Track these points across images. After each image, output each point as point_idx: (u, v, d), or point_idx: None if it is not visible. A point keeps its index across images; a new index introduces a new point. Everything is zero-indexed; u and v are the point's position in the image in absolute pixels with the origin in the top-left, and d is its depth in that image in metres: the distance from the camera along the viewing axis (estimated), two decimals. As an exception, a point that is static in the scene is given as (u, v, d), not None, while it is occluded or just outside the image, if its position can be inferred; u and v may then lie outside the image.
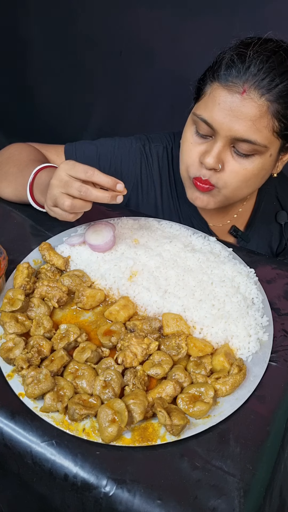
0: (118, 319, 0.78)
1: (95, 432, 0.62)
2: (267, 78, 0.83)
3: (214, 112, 0.87)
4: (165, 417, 0.61)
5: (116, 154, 1.11)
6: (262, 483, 0.60)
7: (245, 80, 0.84)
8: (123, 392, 0.68)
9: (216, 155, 0.89)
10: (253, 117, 0.85)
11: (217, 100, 0.87)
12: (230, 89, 0.85)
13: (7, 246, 0.84)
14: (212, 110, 0.87)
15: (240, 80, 0.84)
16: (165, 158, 1.13)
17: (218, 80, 0.87)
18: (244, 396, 0.68)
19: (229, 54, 0.87)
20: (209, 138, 0.92)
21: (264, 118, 0.85)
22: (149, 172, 1.12)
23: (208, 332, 0.76)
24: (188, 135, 0.96)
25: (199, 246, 0.93)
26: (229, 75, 0.85)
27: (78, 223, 0.98)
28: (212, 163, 0.90)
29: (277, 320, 0.82)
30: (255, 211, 1.19)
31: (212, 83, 0.89)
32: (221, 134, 0.88)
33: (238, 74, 0.84)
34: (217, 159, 0.90)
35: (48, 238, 0.94)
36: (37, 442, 0.61)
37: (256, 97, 0.84)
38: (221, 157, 0.90)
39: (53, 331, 0.75)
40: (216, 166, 0.90)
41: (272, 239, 1.22)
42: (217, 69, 0.87)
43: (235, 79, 0.85)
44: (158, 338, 0.75)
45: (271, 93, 0.84)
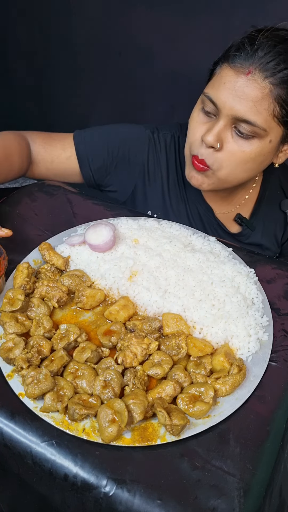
0: (118, 319, 0.78)
1: (95, 432, 0.62)
2: (273, 62, 0.86)
3: (220, 90, 0.90)
4: (165, 417, 0.61)
5: (125, 139, 1.12)
6: (262, 483, 0.60)
7: (252, 62, 0.86)
8: (123, 392, 0.68)
9: (217, 133, 0.92)
10: (254, 98, 0.87)
11: (223, 79, 0.90)
12: (236, 69, 0.88)
13: (7, 246, 0.84)
14: (218, 89, 0.90)
15: (247, 62, 0.87)
16: (172, 146, 1.15)
17: (227, 61, 0.90)
18: (244, 396, 0.68)
19: (240, 39, 0.90)
20: (213, 117, 0.94)
21: (265, 100, 0.87)
22: (157, 159, 1.14)
23: (208, 332, 0.76)
24: (194, 114, 0.98)
25: (199, 246, 0.93)
26: (238, 57, 0.88)
27: (78, 223, 0.98)
28: (212, 140, 0.92)
29: (277, 320, 0.82)
30: (260, 200, 1.20)
31: (222, 64, 0.92)
32: (223, 112, 0.90)
33: (246, 56, 0.87)
34: (216, 137, 0.92)
35: (48, 238, 0.94)
36: (37, 442, 0.61)
37: (259, 79, 0.86)
38: (221, 136, 0.92)
39: (53, 331, 0.75)
40: (214, 144, 0.92)
41: (276, 228, 1.23)
42: (228, 52, 0.91)
43: (242, 61, 0.87)
44: (158, 338, 0.75)
45: (275, 76, 0.86)
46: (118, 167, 1.13)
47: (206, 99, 0.93)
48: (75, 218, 1.01)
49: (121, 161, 1.12)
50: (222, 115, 0.91)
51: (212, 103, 0.92)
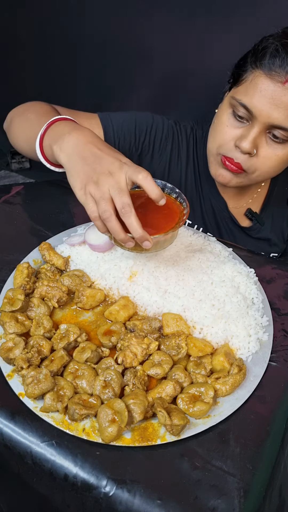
0: (118, 319, 0.78)
1: (95, 432, 0.62)
2: None
3: (255, 98, 0.90)
4: (165, 417, 0.61)
5: (153, 126, 1.13)
6: (262, 483, 0.60)
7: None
8: (123, 392, 0.68)
9: (253, 140, 0.92)
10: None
11: (259, 87, 0.89)
12: (272, 77, 0.88)
13: (7, 246, 0.84)
14: (253, 96, 0.90)
15: (283, 70, 0.87)
16: (192, 138, 1.16)
17: (262, 68, 0.89)
18: (244, 396, 0.68)
19: (273, 43, 0.89)
20: (245, 122, 0.95)
21: None
22: (178, 150, 1.15)
23: (208, 332, 0.76)
24: (224, 118, 0.98)
25: (199, 246, 0.93)
26: (273, 64, 0.87)
27: (78, 223, 0.98)
28: (248, 147, 0.92)
29: (277, 320, 0.83)
30: (269, 195, 1.22)
31: (254, 70, 0.91)
32: (259, 120, 0.91)
33: (282, 64, 0.87)
34: (253, 144, 0.93)
35: (48, 238, 0.94)
36: (37, 442, 0.61)
37: None
38: (256, 142, 0.93)
39: (53, 331, 0.75)
40: (251, 151, 0.93)
41: (283, 224, 1.25)
42: (261, 57, 0.90)
43: (278, 68, 0.87)
44: (158, 338, 0.75)
45: None
46: (143, 153, 1.13)
47: (238, 104, 0.93)
48: (75, 218, 1.01)
49: (146, 147, 1.13)
50: (257, 122, 0.91)
51: (246, 110, 0.92)
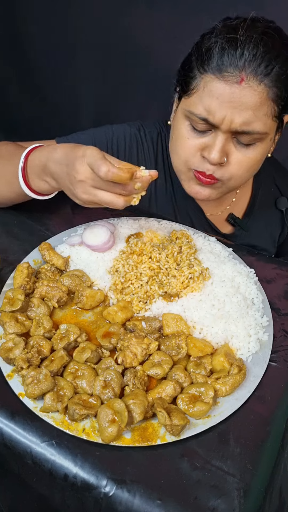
0: (115, 320, 0.78)
1: (95, 432, 0.62)
2: (264, 62, 0.80)
3: (213, 107, 0.83)
4: (165, 417, 0.61)
5: (113, 140, 1.08)
6: (262, 483, 0.60)
7: (241, 67, 0.79)
8: (123, 392, 0.68)
9: (220, 149, 0.87)
10: (253, 106, 0.82)
11: (214, 93, 0.82)
12: (226, 79, 0.80)
13: (7, 246, 0.84)
14: (210, 106, 0.83)
15: (235, 68, 0.80)
16: (159, 143, 1.10)
17: (211, 72, 0.82)
18: (244, 396, 0.68)
19: (217, 41, 0.82)
20: (207, 131, 0.89)
21: (264, 105, 0.83)
22: (145, 158, 1.10)
23: (208, 332, 0.76)
24: (183, 131, 0.91)
25: (199, 246, 0.93)
26: (223, 64, 0.80)
27: (78, 223, 0.98)
28: (218, 158, 0.87)
29: (277, 320, 0.82)
30: (253, 198, 1.16)
31: (204, 76, 0.84)
32: (222, 128, 0.85)
33: (233, 62, 0.80)
34: (222, 153, 0.87)
35: (48, 238, 0.94)
36: (37, 442, 0.61)
37: (255, 85, 0.80)
38: (224, 150, 0.88)
39: (53, 331, 0.75)
40: (222, 161, 0.88)
41: (273, 227, 1.19)
42: (207, 60, 0.82)
43: (230, 68, 0.80)
44: (158, 338, 0.75)
45: (269, 78, 0.81)
46: None
47: (196, 118, 0.86)
48: (75, 218, 1.01)
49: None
50: (220, 130, 0.85)
51: (204, 121, 0.86)
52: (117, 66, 2.05)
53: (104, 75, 2.12)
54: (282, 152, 1.18)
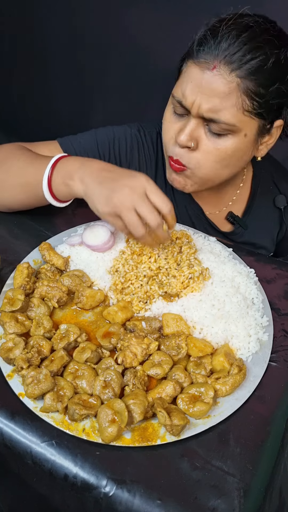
0: (115, 320, 0.78)
1: (95, 432, 0.62)
2: (238, 53, 0.81)
3: (187, 90, 0.86)
4: (165, 417, 0.61)
5: (114, 141, 1.09)
6: (262, 483, 0.60)
7: (216, 55, 0.81)
8: (123, 392, 0.68)
9: (189, 132, 0.88)
10: (221, 93, 0.82)
11: (190, 77, 0.85)
12: (201, 65, 0.83)
13: (7, 246, 0.84)
14: (185, 89, 0.86)
15: (211, 56, 0.82)
16: (159, 144, 1.11)
17: (192, 57, 0.85)
18: (244, 396, 0.68)
19: (201, 32, 0.85)
20: (185, 116, 0.91)
21: (233, 95, 0.83)
22: (146, 158, 1.11)
23: (208, 332, 0.76)
24: (167, 114, 0.95)
25: (199, 246, 0.93)
26: (201, 52, 0.83)
27: (78, 223, 0.98)
28: (185, 140, 0.88)
29: (277, 320, 0.82)
30: (252, 197, 1.17)
31: (187, 61, 0.87)
32: (192, 111, 0.87)
33: (209, 50, 0.82)
34: (189, 137, 0.88)
35: (48, 238, 0.94)
36: (37, 442, 0.61)
37: (225, 73, 0.81)
38: (194, 135, 0.89)
39: (53, 331, 0.75)
40: (188, 144, 0.89)
41: (272, 225, 1.20)
42: (191, 47, 0.86)
43: (206, 55, 0.82)
44: (158, 338, 0.75)
45: (242, 69, 0.81)
46: None
47: (174, 100, 0.89)
48: (75, 218, 1.01)
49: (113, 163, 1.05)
50: (192, 114, 0.87)
51: (180, 104, 0.88)
52: (117, 66, 2.05)
53: (104, 75, 2.12)
54: (282, 152, 1.18)
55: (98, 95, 2.21)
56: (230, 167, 0.96)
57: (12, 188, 0.95)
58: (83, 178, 0.83)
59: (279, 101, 0.87)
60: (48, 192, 0.88)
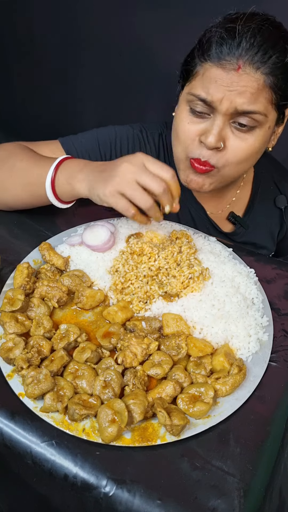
0: (115, 320, 0.78)
1: (95, 432, 0.62)
2: (260, 51, 0.82)
3: (212, 89, 0.85)
4: (165, 417, 0.61)
5: (116, 141, 1.09)
6: (262, 483, 0.60)
7: (239, 55, 0.82)
8: (123, 392, 0.68)
9: (218, 133, 0.87)
10: (250, 89, 0.83)
11: (213, 78, 0.85)
12: (224, 67, 0.83)
13: (7, 246, 0.84)
14: (209, 87, 0.85)
15: (233, 56, 0.82)
16: (161, 145, 1.11)
17: (211, 60, 0.85)
18: (244, 396, 0.68)
19: (216, 31, 0.85)
20: (206, 116, 0.90)
21: (263, 90, 0.84)
22: None
23: (208, 332, 0.76)
24: (183, 115, 0.93)
25: (199, 246, 0.93)
26: (221, 53, 0.83)
27: (78, 223, 0.98)
28: (214, 141, 0.87)
29: (277, 320, 0.82)
30: (253, 197, 1.17)
31: (204, 64, 0.86)
32: (220, 110, 0.86)
33: (231, 50, 0.82)
34: (218, 137, 0.88)
35: (48, 238, 0.94)
36: (37, 442, 0.61)
37: (252, 72, 0.83)
38: (222, 135, 0.89)
39: (53, 331, 0.75)
40: (218, 145, 0.88)
41: (272, 225, 1.20)
42: (207, 49, 0.85)
43: (227, 56, 0.83)
44: (158, 338, 0.75)
45: (265, 66, 0.83)
46: None
47: (195, 99, 0.88)
48: (75, 218, 1.01)
49: None
50: (218, 113, 0.87)
51: (204, 102, 0.87)
52: (117, 67, 2.05)
53: (104, 76, 2.12)
54: (282, 152, 1.18)
55: (98, 95, 2.21)
56: (251, 162, 0.97)
57: (15, 187, 0.95)
58: (85, 177, 0.84)
59: None
60: (51, 192, 0.89)
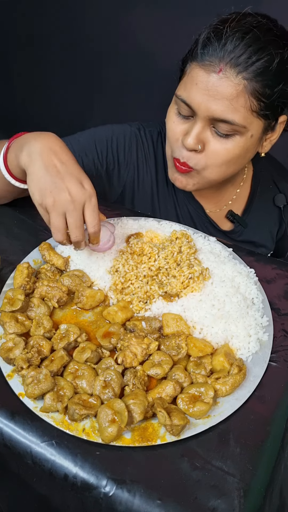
0: (115, 320, 0.78)
1: (95, 432, 0.62)
2: (244, 55, 0.81)
3: (192, 92, 0.85)
4: (165, 417, 0.61)
5: (113, 139, 1.09)
6: (262, 483, 0.60)
7: (221, 58, 0.81)
8: (123, 392, 0.68)
9: (196, 135, 0.88)
10: (229, 96, 0.82)
11: (195, 80, 0.85)
12: (206, 68, 0.83)
13: (7, 246, 0.84)
14: (190, 91, 0.86)
15: (216, 58, 0.82)
16: (159, 143, 1.12)
17: (196, 60, 0.85)
18: (244, 396, 0.68)
19: (205, 32, 0.84)
20: (191, 118, 0.91)
21: (241, 97, 0.83)
22: (145, 157, 1.11)
23: (208, 332, 0.76)
24: (171, 114, 0.94)
25: (199, 246, 0.93)
26: (206, 54, 0.83)
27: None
28: (192, 144, 0.88)
29: (277, 320, 0.82)
30: (252, 195, 1.18)
31: (191, 63, 0.86)
32: (199, 114, 0.87)
33: (214, 52, 0.82)
34: (196, 140, 0.88)
35: (48, 238, 0.94)
36: (37, 442, 0.61)
37: (232, 76, 0.81)
38: (201, 137, 0.89)
39: (53, 331, 0.75)
40: (195, 147, 0.89)
41: (271, 223, 1.21)
42: (194, 48, 0.85)
43: (211, 57, 0.82)
44: (158, 338, 0.75)
45: (248, 71, 0.81)
46: (109, 167, 1.09)
47: (179, 100, 0.89)
48: (75, 218, 1.01)
49: (111, 161, 1.09)
50: (198, 116, 0.87)
51: (186, 105, 0.88)
52: (117, 66, 2.05)
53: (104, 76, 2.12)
54: (282, 152, 1.19)
55: (98, 95, 2.21)
56: (235, 165, 0.96)
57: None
58: (31, 153, 0.78)
59: (284, 100, 0.87)
60: (4, 168, 0.85)
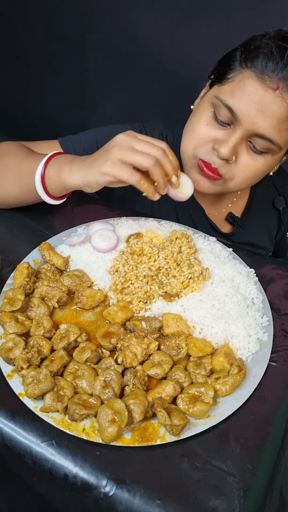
0: (115, 320, 0.78)
1: (95, 432, 0.62)
2: None
3: (242, 102, 0.84)
4: (165, 417, 0.61)
5: None
6: (262, 483, 0.60)
7: (281, 77, 0.81)
8: (123, 392, 0.68)
9: (233, 146, 0.87)
10: (279, 116, 0.83)
11: (247, 90, 0.83)
12: (263, 82, 0.82)
13: (7, 246, 0.84)
14: (240, 98, 0.84)
15: (276, 75, 0.81)
16: None
17: (253, 69, 0.83)
18: (244, 396, 0.68)
19: (268, 44, 0.83)
20: (227, 126, 0.89)
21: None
22: None
23: (208, 332, 0.76)
24: (204, 116, 0.91)
25: (199, 246, 0.93)
26: (266, 67, 0.82)
27: (78, 223, 0.98)
28: (227, 154, 0.87)
29: (277, 320, 0.82)
30: (251, 198, 1.18)
31: (244, 71, 0.84)
32: (243, 125, 0.85)
33: (275, 68, 0.81)
34: (232, 151, 0.87)
35: (48, 238, 0.94)
36: (37, 442, 0.61)
37: (287, 97, 0.82)
38: (236, 149, 0.88)
39: (53, 331, 0.75)
40: (230, 158, 0.88)
41: (270, 226, 1.21)
42: (253, 57, 0.83)
43: (271, 73, 0.81)
44: (158, 338, 0.75)
45: None
46: None
47: (222, 106, 0.86)
48: (75, 218, 1.01)
49: None
50: (240, 127, 0.86)
51: (230, 112, 0.86)
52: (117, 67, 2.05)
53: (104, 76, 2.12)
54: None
55: (98, 95, 2.21)
56: (257, 181, 0.98)
57: (7, 181, 0.94)
58: (77, 168, 0.83)
59: None
60: (41, 186, 0.88)
